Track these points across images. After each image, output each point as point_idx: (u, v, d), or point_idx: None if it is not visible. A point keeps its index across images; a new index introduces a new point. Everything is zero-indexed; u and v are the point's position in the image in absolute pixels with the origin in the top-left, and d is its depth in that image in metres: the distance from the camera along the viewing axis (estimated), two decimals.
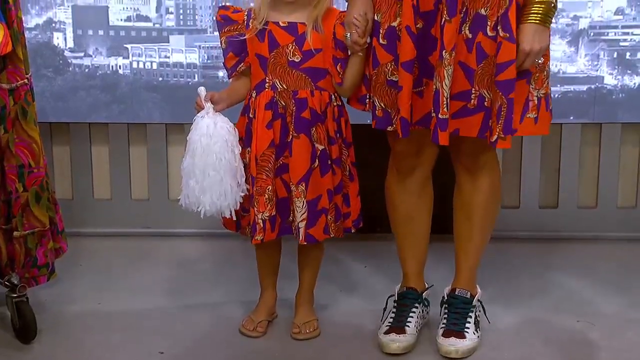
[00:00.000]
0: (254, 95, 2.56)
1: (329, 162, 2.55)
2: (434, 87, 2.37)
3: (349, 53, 2.50)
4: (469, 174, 2.59)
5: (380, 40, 2.44)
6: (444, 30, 2.33)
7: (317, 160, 2.54)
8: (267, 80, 2.54)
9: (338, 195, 2.59)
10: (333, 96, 2.56)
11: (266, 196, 2.54)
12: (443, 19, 2.34)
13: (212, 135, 2.46)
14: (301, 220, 2.56)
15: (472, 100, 2.40)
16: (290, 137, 2.53)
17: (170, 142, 3.52)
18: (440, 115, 2.36)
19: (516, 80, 2.36)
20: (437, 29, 2.37)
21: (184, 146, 3.47)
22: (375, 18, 2.44)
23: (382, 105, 2.47)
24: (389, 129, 2.49)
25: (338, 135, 2.57)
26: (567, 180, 3.48)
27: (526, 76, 2.40)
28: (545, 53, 2.42)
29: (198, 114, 2.52)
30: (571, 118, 3.38)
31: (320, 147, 2.54)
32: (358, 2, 2.45)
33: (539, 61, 2.40)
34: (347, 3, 2.50)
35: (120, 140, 3.51)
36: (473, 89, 2.39)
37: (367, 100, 2.52)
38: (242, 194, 2.52)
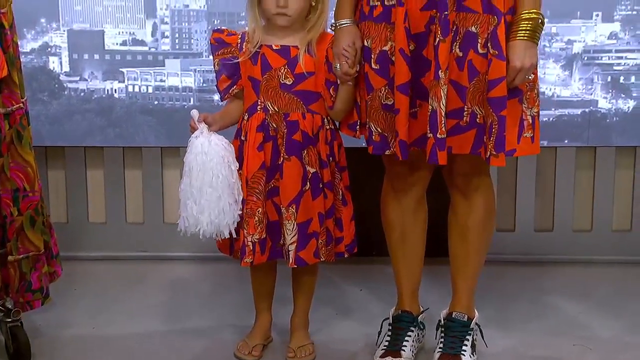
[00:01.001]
0: (246, 117, 2.57)
1: (321, 186, 2.55)
2: (430, 107, 2.37)
3: (339, 82, 2.50)
4: (463, 195, 2.60)
5: (373, 65, 2.44)
6: (439, 50, 2.34)
7: (308, 183, 2.54)
8: (259, 103, 2.54)
9: (329, 219, 2.58)
10: (325, 119, 2.57)
11: (256, 218, 2.54)
12: (437, 39, 2.34)
13: (207, 152, 2.46)
14: (291, 243, 2.55)
15: (465, 118, 2.41)
16: (282, 159, 2.53)
17: (165, 165, 3.53)
18: (438, 135, 2.37)
19: (508, 99, 2.37)
20: (429, 50, 2.38)
21: (179, 169, 3.47)
22: (366, 44, 2.45)
23: (379, 130, 2.48)
24: (387, 152, 2.49)
25: (331, 158, 2.57)
26: (562, 203, 3.49)
27: (518, 95, 2.41)
28: (534, 71, 2.44)
29: (193, 135, 2.52)
30: (566, 141, 3.39)
31: (312, 170, 2.54)
32: (346, 33, 2.46)
33: (530, 77, 2.41)
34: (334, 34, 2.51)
35: (115, 163, 3.51)
36: (465, 107, 2.40)
37: (358, 127, 2.53)
38: (240, 212, 2.51)
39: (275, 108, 2.53)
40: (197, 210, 2.47)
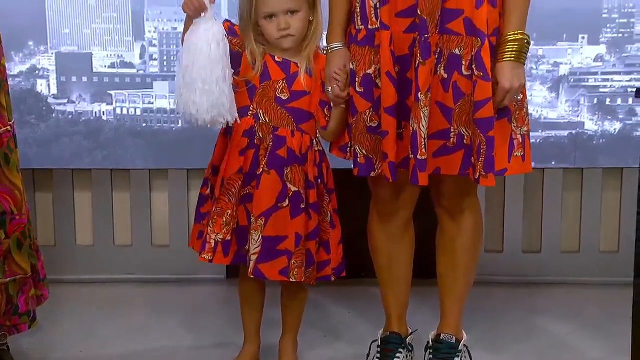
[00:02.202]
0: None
1: (303, 206, 2.54)
2: (411, 128, 2.38)
3: (332, 105, 2.51)
4: (450, 217, 2.60)
5: (357, 89, 2.45)
6: (419, 73, 2.35)
7: (287, 200, 2.53)
8: (252, 109, 2.54)
9: (312, 241, 2.57)
10: (314, 141, 2.57)
11: (224, 219, 2.54)
12: (417, 62, 2.36)
13: (215, 38, 2.41)
14: (253, 253, 2.54)
15: (452, 139, 2.42)
16: (261, 170, 2.52)
17: (153, 187, 3.52)
18: (419, 156, 2.38)
19: (497, 120, 2.38)
20: (413, 72, 2.39)
21: (167, 192, 3.50)
22: (351, 67, 2.46)
23: (364, 152, 2.48)
24: (372, 174, 2.50)
25: (319, 180, 2.57)
26: (550, 225, 3.50)
27: (507, 115, 2.42)
28: (523, 90, 2.45)
29: (201, 18, 2.43)
30: (553, 163, 3.40)
31: (294, 189, 2.53)
32: (337, 56, 2.47)
33: (518, 98, 2.42)
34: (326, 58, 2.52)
35: (103, 186, 3.50)
36: (452, 128, 2.41)
37: (349, 149, 2.53)
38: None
39: (266, 119, 2.53)
40: (200, 94, 2.41)
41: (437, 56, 2.37)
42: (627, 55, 3.33)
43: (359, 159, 2.49)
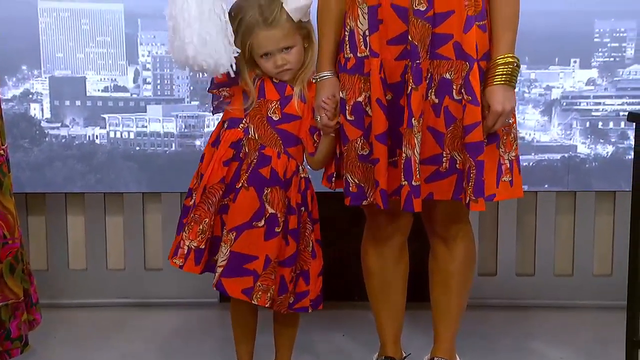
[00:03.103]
0: (225, 126, 2.56)
1: (279, 230, 2.52)
2: (404, 155, 2.38)
3: (321, 133, 2.52)
4: (443, 242, 2.60)
5: (348, 117, 2.45)
6: (411, 98, 2.36)
7: (263, 221, 2.51)
8: (244, 122, 2.54)
9: (287, 268, 2.54)
10: (300, 167, 2.57)
11: (200, 227, 2.53)
12: (409, 88, 2.36)
13: None
14: (219, 265, 2.53)
15: (444, 164, 2.42)
16: (240, 184, 2.52)
17: (147, 211, 3.52)
18: (413, 182, 2.38)
19: (486, 145, 2.39)
20: (405, 99, 2.39)
21: (161, 215, 3.49)
22: (341, 95, 2.46)
23: (356, 180, 2.48)
24: (364, 203, 2.49)
25: (303, 208, 2.56)
26: (543, 248, 3.50)
27: (495, 141, 2.43)
28: (512, 114, 2.45)
29: None
30: (546, 186, 3.41)
31: (271, 210, 2.51)
32: (326, 85, 2.48)
33: (510, 121, 2.43)
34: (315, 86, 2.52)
35: (96, 210, 3.50)
36: (444, 152, 2.41)
37: (333, 179, 2.53)
38: (235, 55, 2.45)
39: (255, 135, 2.53)
40: (198, 41, 2.39)
41: (427, 81, 2.38)
42: (618, 79, 3.35)
43: (350, 188, 2.48)
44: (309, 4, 2.47)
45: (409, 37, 2.34)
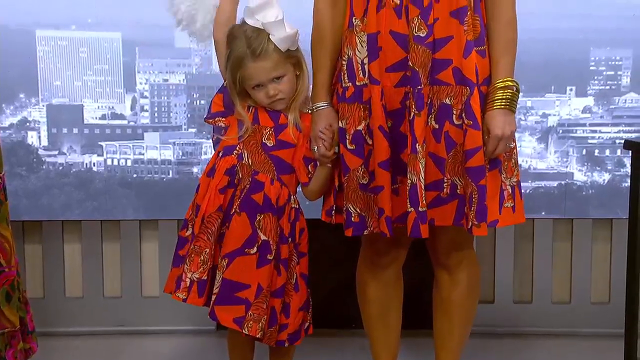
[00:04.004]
0: (220, 154, 2.56)
1: (271, 257, 2.51)
2: (409, 181, 2.38)
3: (318, 164, 2.52)
4: (446, 270, 2.60)
5: (348, 146, 2.45)
6: (414, 124, 2.36)
7: (255, 248, 2.50)
8: (237, 149, 2.54)
9: (278, 299, 2.53)
10: (292, 197, 2.57)
11: (202, 257, 2.52)
12: (412, 114, 2.36)
13: None
14: (214, 294, 2.52)
15: (445, 189, 2.42)
16: (233, 210, 2.52)
17: (144, 238, 3.51)
18: (420, 209, 2.37)
19: (489, 170, 2.39)
20: (406, 125, 2.40)
21: (158, 243, 3.48)
22: (340, 125, 2.46)
23: (358, 210, 2.47)
24: (365, 232, 2.48)
25: (290, 239, 2.55)
26: (541, 275, 3.50)
27: (497, 166, 2.43)
28: (513, 140, 2.46)
29: None
30: (543, 213, 3.41)
31: (263, 237, 2.51)
32: (322, 115, 2.48)
33: (511, 145, 2.43)
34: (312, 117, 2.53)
35: (93, 237, 3.49)
36: (445, 178, 2.41)
37: (333, 212, 2.53)
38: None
39: (249, 161, 2.53)
40: None
41: (427, 107, 2.39)
42: (614, 107, 3.36)
43: (352, 218, 2.47)
44: (294, 32, 2.49)
45: (410, 64, 2.35)
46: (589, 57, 3.34)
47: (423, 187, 2.37)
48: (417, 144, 2.36)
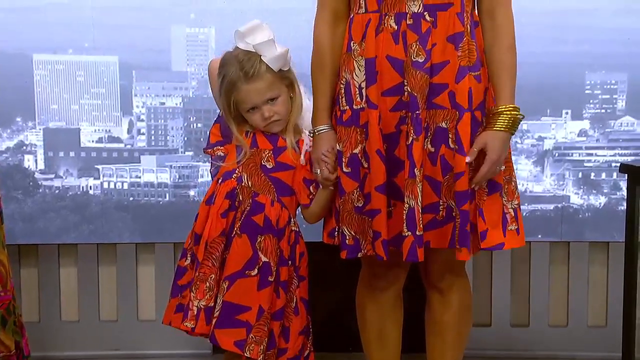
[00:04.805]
0: (220, 181, 2.56)
1: (272, 279, 2.50)
2: (407, 205, 2.37)
3: (320, 187, 2.52)
4: (439, 292, 2.59)
5: (344, 169, 2.45)
6: (413, 149, 2.36)
7: (256, 269, 2.49)
8: (237, 172, 2.54)
9: (277, 322, 2.53)
10: (292, 220, 2.57)
11: (207, 284, 2.50)
12: (410, 138, 2.36)
13: None
14: (214, 317, 2.50)
15: (441, 212, 2.42)
16: (234, 233, 2.51)
17: (140, 261, 3.51)
18: (417, 232, 2.37)
19: (489, 194, 2.40)
20: (401, 150, 2.40)
21: (154, 266, 3.48)
22: (338, 148, 2.47)
23: (352, 232, 2.47)
24: (359, 255, 2.48)
25: (290, 262, 2.55)
26: (538, 298, 3.49)
27: (498, 190, 2.43)
28: (508, 163, 2.46)
29: None
30: (539, 236, 3.41)
31: (264, 259, 2.50)
32: (324, 138, 2.49)
33: (501, 168, 2.43)
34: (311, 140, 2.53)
35: (89, 260, 3.48)
36: (441, 201, 2.41)
37: (336, 233, 2.52)
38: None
39: (249, 183, 2.53)
40: None
41: (425, 131, 2.39)
42: (610, 130, 3.37)
43: (347, 241, 2.47)
44: (285, 51, 2.50)
45: (408, 88, 2.36)
46: (584, 80, 3.36)
47: (420, 211, 2.37)
48: (415, 168, 2.36)
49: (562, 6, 3.27)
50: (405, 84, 2.36)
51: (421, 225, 2.37)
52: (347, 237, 2.47)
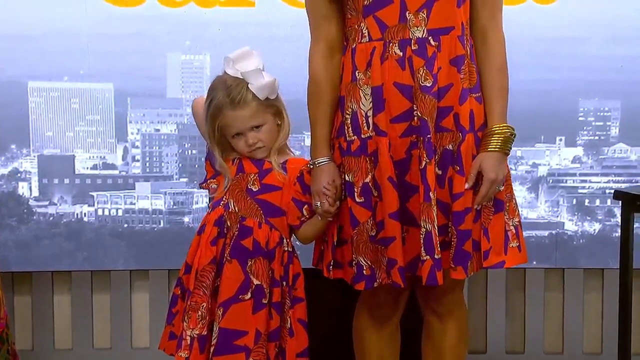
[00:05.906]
0: (209, 210, 2.57)
1: (265, 301, 2.50)
2: (424, 229, 2.37)
3: (319, 218, 2.51)
4: (437, 317, 2.59)
5: (357, 199, 2.44)
6: (427, 172, 2.36)
7: (249, 293, 2.49)
8: (224, 199, 2.55)
9: (272, 343, 2.52)
10: (285, 240, 2.56)
11: (199, 313, 2.49)
12: (423, 163, 2.36)
13: None
14: (212, 345, 2.49)
15: (450, 234, 2.41)
16: (225, 259, 2.51)
17: (134, 288, 3.50)
18: (436, 256, 2.36)
19: (495, 214, 2.41)
20: (412, 175, 2.40)
21: (148, 293, 3.47)
22: (347, 179, 2.46)
23: (368, 262, 2.45)
24: (375, 285, 2.46)
25: (284, 283, 2.55)
26: (533, 325, 3.48)
27: (501, 209, 2.44)
28: (508, 181, 2.47)
29: None
30: (534, 263, 3.41)
31: (256, 282, 2.50)
32: (325, 171, 2.48)
33: (500, 189, 2.43)
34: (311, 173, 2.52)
35: (83, 288, 3.47)
36: (449, 222, 2.41)
37: (331, 267, 2.51)
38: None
39: (236, 208, 2.53)
40: None
41: (434, 154, 2.40)
42: (604, 157, 3.38)
43: (364, 271, 2.45)
44: (273, 81, 2.51)
45: (418, 113, 2.36)
46: (578, 107, 3.38)
47: (437, 235, 2.37)
48: (430, 192, 2.36)
49: (555, 34, 3.29)
50: (415, 108, 2.36)
51: (439, 249, 2.37)
52: (365, 268, 2.45)
